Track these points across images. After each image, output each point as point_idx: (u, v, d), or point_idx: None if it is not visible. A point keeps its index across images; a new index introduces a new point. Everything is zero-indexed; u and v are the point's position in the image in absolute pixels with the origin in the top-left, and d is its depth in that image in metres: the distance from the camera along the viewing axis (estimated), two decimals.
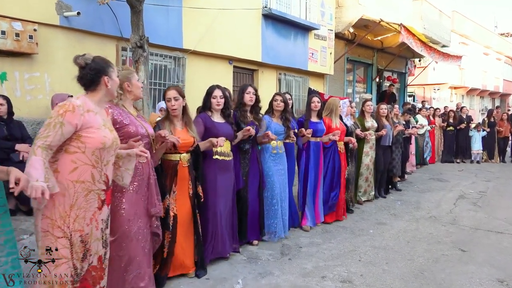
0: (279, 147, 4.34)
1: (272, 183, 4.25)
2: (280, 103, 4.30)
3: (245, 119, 3.93)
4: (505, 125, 12.01)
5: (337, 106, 5.08)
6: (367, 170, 6.23)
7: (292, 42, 8.83)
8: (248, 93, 3.95)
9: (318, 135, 4.79)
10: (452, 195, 7.38)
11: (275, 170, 4.29)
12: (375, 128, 6.26)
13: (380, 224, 5.37)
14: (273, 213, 4.27)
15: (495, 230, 5.25)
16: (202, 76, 6.64)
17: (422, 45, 10.63)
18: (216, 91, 3.59)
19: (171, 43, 6.07)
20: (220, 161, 3.60)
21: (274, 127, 4.24)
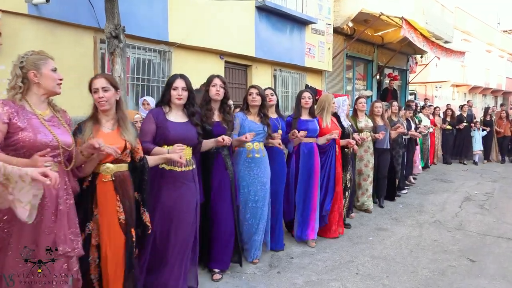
0: (257, 150, 3.61)
1: (246, 194, 3.57)
2: (256, 97, 3.60)
3: (210, 119, 3.19)
4: (504, 124, 11.55)
5: (330, 103, 4.53)
6: (360, 176, 5.61)
7: (288, 37, 8.40)
8: (214, 86, 3.22)
9: (310, 135, 4.20)
10: (457, 197, 6.96)
11: (251, 178, 3.58)
12: (370, 128, 5.65)
13: (381, 230, 4.95)
14: (246, 229, 3.61)
15: (505, 236, 4.82)
16: (190, 71, 6.13)
17: (424, 40, 10.18)
18: (177, 82, 2.85)
19: (155, 36, 5.64)
20: (174, 173, 2.77)
21: (249, 125, 3.57)
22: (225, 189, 3.31)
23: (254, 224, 3.60)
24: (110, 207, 2.36)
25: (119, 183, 2.39)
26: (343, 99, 4.93)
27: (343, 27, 10.49)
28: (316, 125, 4.29)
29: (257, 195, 3.59)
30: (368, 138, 5.52)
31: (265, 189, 3.65)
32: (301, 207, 4.19)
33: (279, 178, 3.95)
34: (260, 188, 3.60)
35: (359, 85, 12.41)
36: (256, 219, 3.60)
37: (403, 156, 6.90)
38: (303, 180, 4.17)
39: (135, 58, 5.58)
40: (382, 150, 5.93)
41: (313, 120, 4.30)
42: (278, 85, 8.65)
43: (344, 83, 11.25)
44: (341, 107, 4.88)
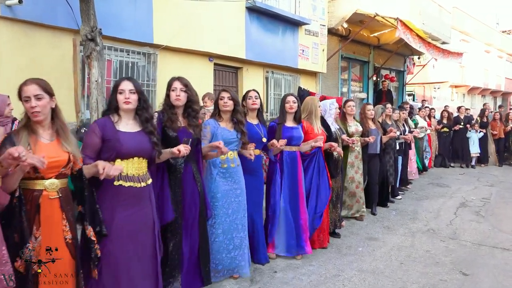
0: (231, 160, 3.34)
1: (220, 207, 3.30)
2: (228, 102, 3.30)
3: (174, 124, 2.88)
4: (498, 126, 11.36)
5: (317, 106, 4.29)
6: (352, 184, 5.38)
7: (280, 38, 8.22)
8: (174, 90, 2.89)
9: (294, 143, 3.96)
10: (452, 202, 6.77)
11: (225, 190, 3.32)
12: (360, 133, 5.44)
13: (371, 240, 4.76)
14: (215, 246, 3.29)
15: (500, 246, 4.63)
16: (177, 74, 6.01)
17: (421, 41, 10.00)
18: (123, 84, 2.47)
19: (139, 38, 5.47)
20: (126, 189, 2.43)
21: (221, 133, 3.28)
22: (195, 204, 3.05)
23: (226, 240, 3.33)
24: (56, 227, 2.11)
25: (64, 200, 2.15)
26: (330, 102, 4.70)
27: (338, 28, 10.32)
28: (301, 133, 4.05)
29: (230, 207, 3.34)
30: (359, 142, 5.31)
31: (239, 201, 3.40)
32: (284, 222, 3.95)
33: (258, 188, 3.75)
34: (234, 200, 3.36)
35: (355, 87, 12.23)
36: (229, 233, 3.34)
37: (397, 161, 6.71)
38: (288, 191, 3.94)
39: (118, 61, 5.39)
40: (373, 155, 5.72)
41: (298, 127, 4.04)
42: (270, 88, 8.48)
43: (339, 85, 11.08)
44: (328, 110, 4.63)
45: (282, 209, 3.94)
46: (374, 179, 5.84)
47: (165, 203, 2.82)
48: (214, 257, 3.29)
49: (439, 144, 10.58)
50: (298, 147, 4.04)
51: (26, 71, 4.33)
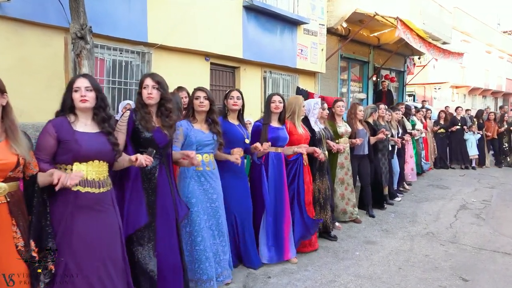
0: (207, 163, 3.17)
1: (196, 213, 3.11)
2: (204, 101, 3.12)
3: (148, 124, 2.68)
4: (492, 126, 11.26)
5: (301, 106, 4.17)
6: (342, 185, 5.26)
7: (278, 37, 8.10)
8: (146, 88, 2.69)
9: (280, 144, 3.84)
10: (452, 205, 6.65)
11: (201, 195, 3.14)
12: (349, 134, 5.31)
13: (369, 244, 4.65)
14: (197, 255, 3.11)
15: (502, 250, 4.52)
16: (173, 74, 5.91)
17: (421, 41, 9.87)
18: (78, 81, 2.28)
19: (133, 36, 5.35)
20: (84, 195, 2.20)
21: (195, 135, 3.11)
22: (170, 210, 2.81)
23: (207, 247, 3.13)
24: (5, 234, 1.93)
25: (14, 205, 1.97)
26: (314, 102, 4.56)
27: (337, 28, 10.20)
28: (286, 133, 3.94)
29: (206, 213, 3.18)
30: (347, 146, 5.20)
31: (216, 206, 3.24)
32: (272, 226, 3.83)
33: (245, 190, 3.65)
34: (211, 205, 3.20)
35: (354, 87, 12.11)
36: (209, 240, 3.16)
37: (390, 162, 6.58)
38: (274, 194, 3.81)
39: (111, 60, 5.28)
40: (362, 156, 5.61)
41: (283, 127, 3.93)
42: (268, 88, 8.36)
43: (338, 85, 10.96)
44: (312, 110, 4.49)
45: (268, 213, 3.81)
46: (365, 180, 5.74)
47: (139, 206, 2.65)
48: (197, 266, 3.12)
49: (437, 146, 10.45)
50: (282, 148, 3.93)
51: (16, 70, 4.23)
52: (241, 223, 3.64)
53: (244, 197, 3.67)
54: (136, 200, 2.67)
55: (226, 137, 3.49)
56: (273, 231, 3.84)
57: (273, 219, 3.82)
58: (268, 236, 3.82)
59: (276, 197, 3.83)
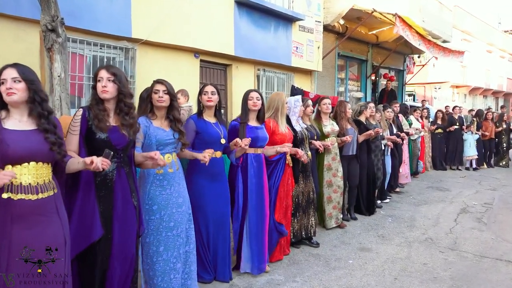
0: (169, 164, 2.82)
1: (157, 221, 2.79)
2: (163, 96, 2.79)
3: (102, 123, 2.36)
4: (490, 126, 10.99)
5: (284, 103, 3.88)
6: (329, 188, 4.96)
7: (272, 34, 7.83)
8: (100, 80, 2.38)
9: (259, 144, 3.54)
10: (452, 208, 6.37)
11: (163, 201, 2.81)
12: (336, 133, 5.01)
13: (364, 251, 4.36)
14: (160, 267, 2.78)
15: (505, 258, 4.24)
16: (159, 71, 5.65)
17: (420, 38, 9.60)
18: (6, 72, 2.00)
19: (116, 31, 5.08)
20: (18, 203, 1.92)
21: (155, 134, 2.79)
22: (131, 220, 2.49)
23: (172, 257, 2.82)
24: None
25: None
26: (295, 99, 4.25)
27: (334, 25, 9.91)
28: (265, 133, 3.64)
29: (172, 220, 2.84)
30: (334, 144, 4.91)
31: (182, 211, 2.91)
32: (254, 233, 3.54)
33: (223, 195, 3.36)
34: (176, 211, 2.86)
35: (352, 86, 11.83)
36: (174, 250, 2.83)
37: (384, 164, 6.29)
38: (254, 199, 3.51)
39: (92, 56, 5.00)
40: (350, 156, 5.34)
41: (262, 126, 3.63)
42: (262, 86, 8.09)
43: (335, 84, 10.67)
44: (293, 108, 4.19)
45: (250, 221, 3.52)
46: (353, 182, 5.46)
47: (92, 217, 2.31)
48: (161, 280, 2.80)
49: (434, 146, 10.17)
50: (262, 149, 3.63)
51: None
52: (215, 231, 3.34)
53: (221, 201, 3.36)
54: (88, 210, 2.31)
55: (200, 136, 3.23)
56: (256, 240, 3.55)
57: (255, 226, 3.53)
58: (252, 245, 3.54)
59: (258, 202, 3.54)
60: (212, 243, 3.36)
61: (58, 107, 3.72)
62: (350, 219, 5.48)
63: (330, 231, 4.98)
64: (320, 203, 4.94)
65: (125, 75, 2.52)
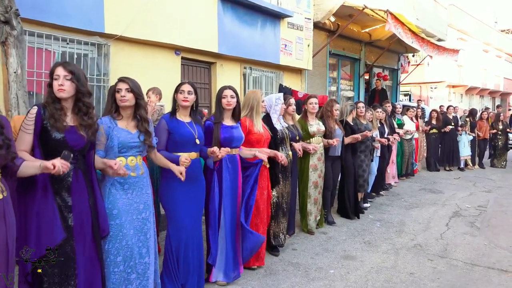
0: (132, 167, 2.61)
1: (117, 227, 2.55)
2: (127, 95, 2.57)
3: (59, 123, 2.22)
4: (484, 126, 10.77)
5: (259, 101, 3.65)
6: (315, 190, 4.73)
7: (259, 31, 7.55)
8: (57, 79, 2.24)
9: (235, 145, 3.33)
10: (445, 211, 6.11)
11: (125, 205, 2.58)
12: (322, 133, 4.80)
13: (347, 259, 4.09)
14: (115, 279, 2.54)
15: (497, 266, 3.97)
16: (136, 69, 5.38)
17: (413, 36, 9.34)
18: None
19: (87, 26, 4.80)
20: None
21: (118, 135, 2.56)
22: (87, 224, 2.36)
23: (128, 268, 2.57)
24: None
25: None
26: (276, 97, 4.01)
27: (325, 22, 9.64)
28: (241, 132, 3.42)
29: (132, 227, 2.61)
30: (319, 146, 4.66)
31: (144, 219, 2.68)
32: (229, 240, 3.30)
33: (197, 199, 3.11)
34: (136, 217, 2.63)
35: (344, 86, 11.56)
36: (131, 260, 2.59)
37: (370, 165, 6.02)
38: (230, 203, 3.27)
39: (61, 52, 4.72)
40: (335, 157, 5.10)
41: (237, 126, 3.41)
42: (249, 85, 7.82)
43: (327, 83, 10.41)
44: (273, 106, 3.95)
45: (225, 226, 3.28)
46: (334, 182, 5.22)
47: (53, 220, 2.19)
48: None
49: (428, 147, 9.92)
50: (237, 149, 3.40)
51: None
52: (186, 238, 3.08)
53: (195, 207, 3.12)
54: (48, 214, 2.20)
55: (172, 137, 3.02)
56: (231, 246, 3.32)
57: (230, 232, 3.30)
58: (226, 252, 3.29)
59: (232, 207, 3.30)
60: (183, 251, 3.09)
61: (15, 106, 3.46)
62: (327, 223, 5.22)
63: (314, 237, 4.71)
64: (304, 205, 4.69)
65: (83, 73, 2.40)
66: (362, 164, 5.62)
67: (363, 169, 5.65)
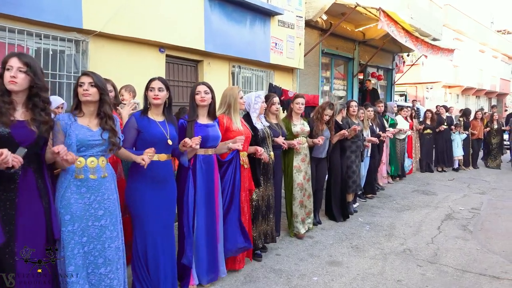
0: (92, 169, 2.40)
1: (69, 234, 2.33)
2: (89, 89, 2.38)
3: (5, 117, 2.06)
4: (479, 125, 10.63)
5: (237, 98, 3.48)
6: (300, 192, 4.54)
7: (248, 29, 7.36)
8: (10, 69, 2.10)
9: (210, 144, 3.16)
10: (437, 214, 5.93)
11: (80, 210, 2.37)
12: (306, 133, 4.63)
13: (333, 265, 3.91)
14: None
15: (489, 273, 3.80)
16: (118, 66, 5.19)
17: (407, 35, 9.16)
18: None
19: (63, 21, 4.58)
20: None
21: (77, 133, 2.37)
22: (39, 228, 2.19)
23: (80, 279, 2.36)
24: None
25: None
26: (255, 95, 3.83)
27: (317, 21, 9.46)
28: (217, 131, 3.25)
29: (85, 235, 2.40)
30: (303, 145, 4.48)
31: (102, 226, 2.46)
32: (204, 241, 3.12)
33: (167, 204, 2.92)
34: (93, 224, 2.42)
35: (338, 85, 11.38)
36: (83, 270, 2.38)
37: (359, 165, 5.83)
38: (203, 205, 3.10)
39: (35, 48, 4.51)
40: (320, 158, 4.92)
41: (213, 124, 3.25)
42: (238, 84, 7.60)
43: (319, 83, 10.22)
44: (253, 104, 3.78)
45: (198, 228, 3.10)
46: (321, 184, 5.05)
47: None
48: None
49: (422, 147, 9.76)
50: (214, 149, 3.24)
51: None
52: (155, 245, 2.88)
53: (164, 212, 2.93)
54: None
55: (142, 136, 2.85)
56: (206, 249, 3.15)
57: (204, 235, 3.13)
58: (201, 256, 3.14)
59: (207, 209, 3.13)
60: (152, 257, 2.90)
61: None
62: (316, 223, 5.09)
63: (299, 241, 4.52)
64: (289, 207, 4.52)
65: (40, 67, 2.25)
66: (351, 165, 5.42)
67: (353, 170, 5.45)
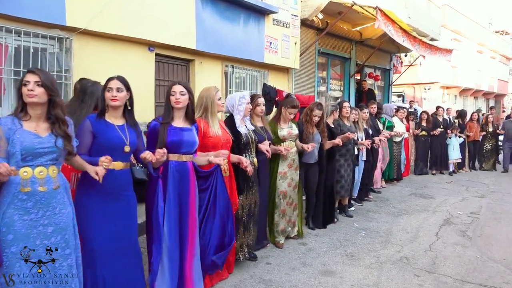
0: (41, 180, 2.13)
1: (14, 256, 2.07)
2: (35, 89, 2.12)
3: None
4: (475, 127, 10.47)
5: (214, 99, 3.22)
6: (284, 200, 4.29)
7: (241, 27, 7.16)
8: None
9: (185, 150, 2.89)
10: (435, 219, 5.75)
11: (25, 228, 2.10)
12: (294, 137, 4.38)
13: (326, 275, 3.71)
14: None
15: (490, 283, 3.61)
16: (104, 65, 4.98)
17: (404, 35, 8.98)
18: None
19: (45, 18, 4.38)
20: None
21: (22, 139, 2.10)
22: None
23: None
24: None
25: None
26: (240, 96, 3.59)
27: (313, 20, 9.26)
28: (194, 136, 2.97)
29: (31, 256, 2.12)
30: (291, 150, 4.25)
31: (52, 244, 2.19)
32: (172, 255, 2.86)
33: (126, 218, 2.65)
34: (41, 243, 2.16)
35: (334, 86, 11.19)
36: None
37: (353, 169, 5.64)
38: (173, 220, 2.84)
39: (13, 46, 4.30)
40: (311, 164, 4.71)
41: (190, 128, 2.98)
42: (231, 84, 7.43)
43: (315, 83, 10.03)
44: (237, 106, 3.54)
45: (167, 245, 2.84)
46: (313, 190, 4.85)
47: None
48: None
49: (417, 149, 9.57)
50: (190, 156, 2.97)
51: None
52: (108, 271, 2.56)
53: (124, 227, 2.63)
54: None
55: (97, 141, 2.55)
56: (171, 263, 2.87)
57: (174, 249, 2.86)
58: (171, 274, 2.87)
59: (181, 220, 2.88)
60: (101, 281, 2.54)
61: None
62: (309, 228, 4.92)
63: (292, 249, 4.32)
64: (270, 216, 4.31)
65: None
66: (340, 169, 5.20)
67: (341, 175, 5.23)
